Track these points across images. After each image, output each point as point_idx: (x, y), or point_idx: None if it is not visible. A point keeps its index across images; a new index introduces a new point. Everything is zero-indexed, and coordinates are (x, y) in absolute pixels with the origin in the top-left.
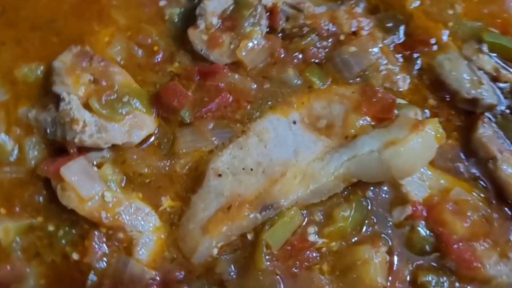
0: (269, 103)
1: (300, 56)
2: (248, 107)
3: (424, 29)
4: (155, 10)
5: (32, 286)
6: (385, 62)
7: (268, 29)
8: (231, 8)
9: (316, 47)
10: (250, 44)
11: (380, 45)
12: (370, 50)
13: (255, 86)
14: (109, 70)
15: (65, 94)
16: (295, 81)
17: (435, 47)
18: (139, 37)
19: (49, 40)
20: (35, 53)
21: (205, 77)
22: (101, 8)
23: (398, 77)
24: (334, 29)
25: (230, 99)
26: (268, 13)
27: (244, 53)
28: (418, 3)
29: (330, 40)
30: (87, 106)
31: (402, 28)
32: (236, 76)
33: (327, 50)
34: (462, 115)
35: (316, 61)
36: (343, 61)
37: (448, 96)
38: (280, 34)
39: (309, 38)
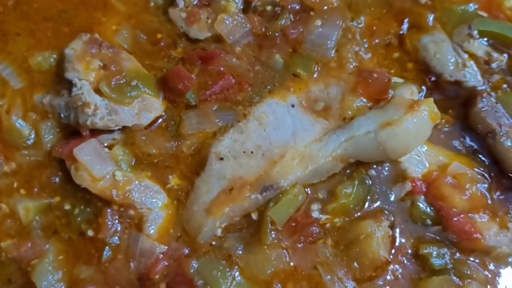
0: (268, 87)
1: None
2: (249, 90)
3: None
4: None
5: (51, 261)
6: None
7: (243, 6)
8: None
9: (294, 27)
10: (226, 17)
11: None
12: (336, 22)
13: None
14: (117, 56)
15: (77, 80)
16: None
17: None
18: (142, 24)
19: (60, 30)
20: (47, 42)
21: (206, 61)
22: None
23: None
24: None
25: (233, 81)
26: None
27: (221, 26)
28: None
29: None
30: (97, 90)
31: None
32: (234, 59)
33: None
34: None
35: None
36: (316, 40)
37: (434, 78)
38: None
39: (284, 18)
